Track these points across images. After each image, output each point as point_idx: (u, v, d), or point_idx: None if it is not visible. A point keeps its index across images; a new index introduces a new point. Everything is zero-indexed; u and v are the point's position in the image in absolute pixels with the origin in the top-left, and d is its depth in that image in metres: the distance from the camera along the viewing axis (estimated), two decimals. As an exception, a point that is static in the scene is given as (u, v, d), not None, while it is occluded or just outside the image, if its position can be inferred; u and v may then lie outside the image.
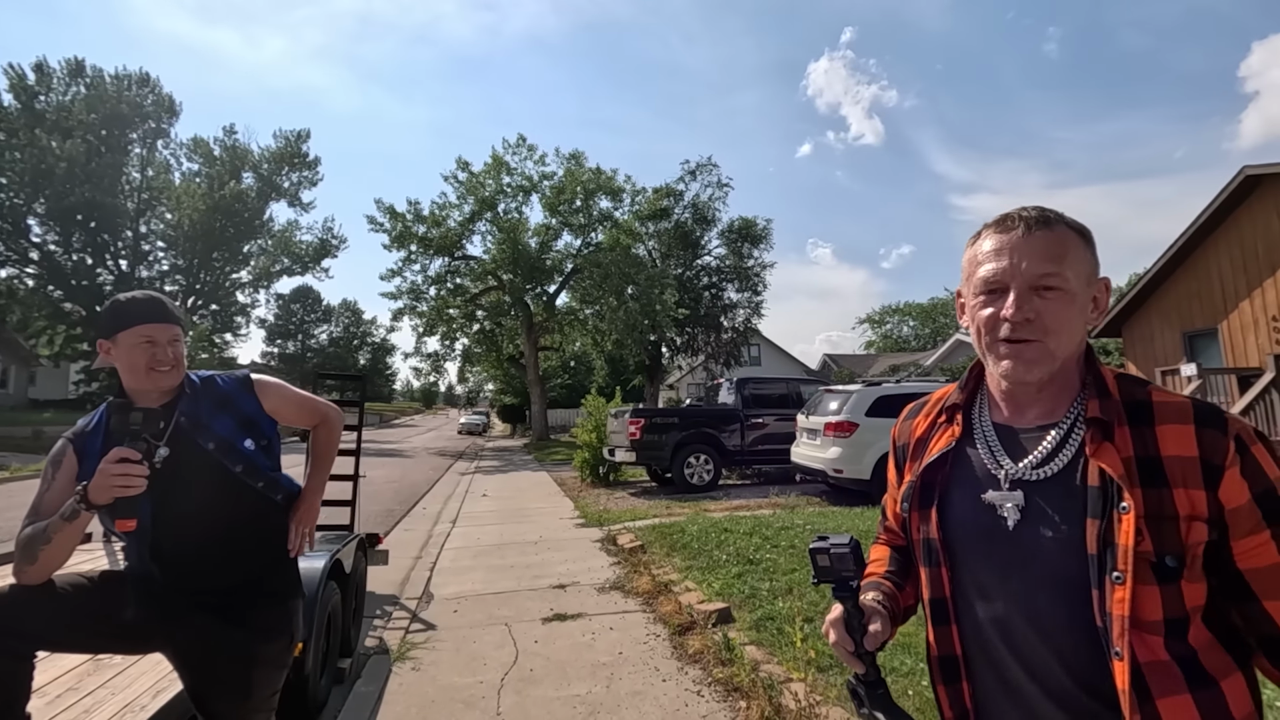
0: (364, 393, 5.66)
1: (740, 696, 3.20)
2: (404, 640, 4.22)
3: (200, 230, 32.57)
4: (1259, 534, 0.81)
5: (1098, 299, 0.95)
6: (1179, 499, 0.82)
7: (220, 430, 1.71)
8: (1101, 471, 0.85)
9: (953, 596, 0.98)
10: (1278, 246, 11.66)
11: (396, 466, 18.09)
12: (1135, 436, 0.86)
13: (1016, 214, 0.95)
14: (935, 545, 1.00)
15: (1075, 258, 0.91)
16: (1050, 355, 0.91)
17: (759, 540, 6.20)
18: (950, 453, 1.02)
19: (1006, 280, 0.92)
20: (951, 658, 0.98)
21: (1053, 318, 0.89)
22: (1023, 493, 0.92)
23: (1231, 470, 0.82)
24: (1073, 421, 0.92)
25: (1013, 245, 0.92)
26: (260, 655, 1.74)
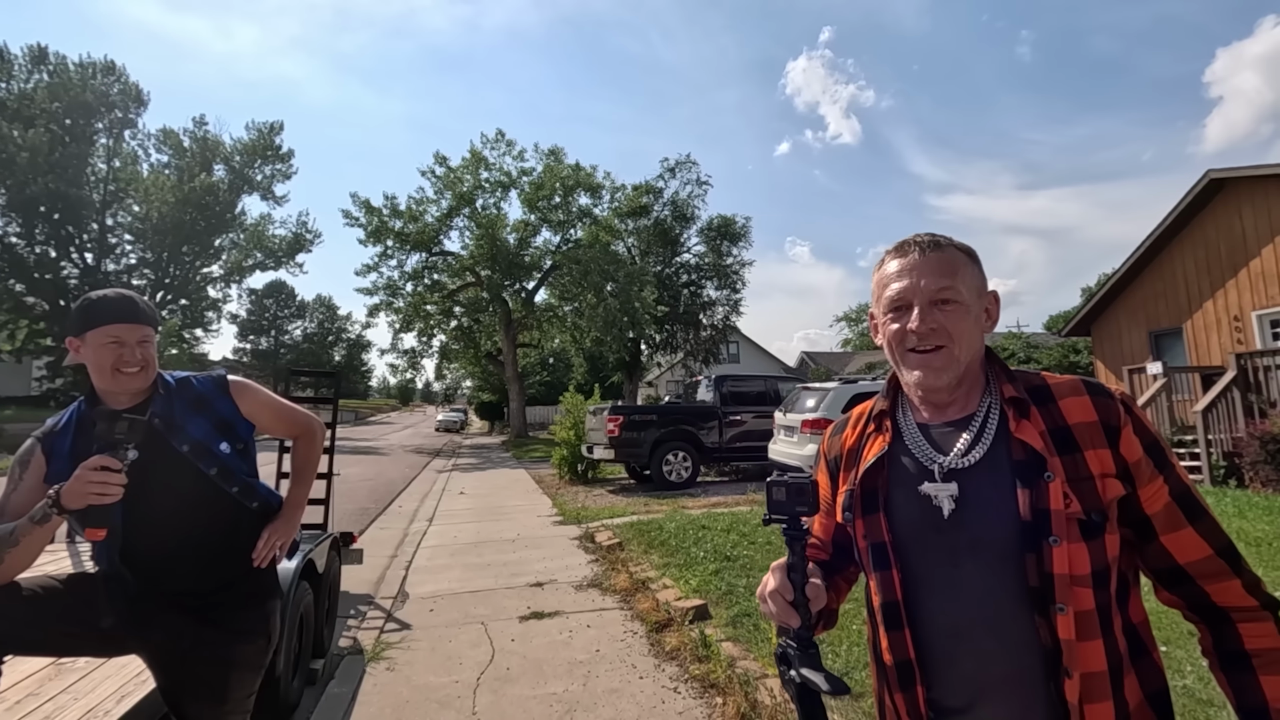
0: (338, 389, 5.58)
1: (717, 693, 3.22)
2: (379, 640, 4.18)
3: (170, 223, 31.82)
4: (1154, 481, 0.94)
5: (989, 310, 1.07)
6: (1090, 460, 0.93)
7: (195, 432, 1.67)
8: (1025, 445, 0.95)
9: (904, 599, 1.01)
10: (1240, 249, 11.99)
11: (372, 464, 17.89)
12: (1044, 413, 0.98)
13: (912, 240, 1.07)
14: (885, 547, 1.03)
15: (966, 274, 1.04)
16: (954, 360, 1.01)
17: (736, 537, 6.23)
18: (885, 457, 1.08)
19: (910, 297, 1.03)
20: (907, 663, 1.00)
21: (953, 327, 1.00)
22: (956, 482, 0.99)
23: (1126, 429, 0.95)
24: (986, 410, 1.03)
25: (912, 266, 1.04)
26: (237, 657, 1.71)
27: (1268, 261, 11.54)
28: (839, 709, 2.86)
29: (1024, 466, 0.94)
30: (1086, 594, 0.90)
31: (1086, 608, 0.90)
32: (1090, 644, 0.89)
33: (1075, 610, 0.89)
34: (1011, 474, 0.95)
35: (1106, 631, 0.91)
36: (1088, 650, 0.89)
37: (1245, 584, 0.91)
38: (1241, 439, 8.64)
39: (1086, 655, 0.89)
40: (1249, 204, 11.82)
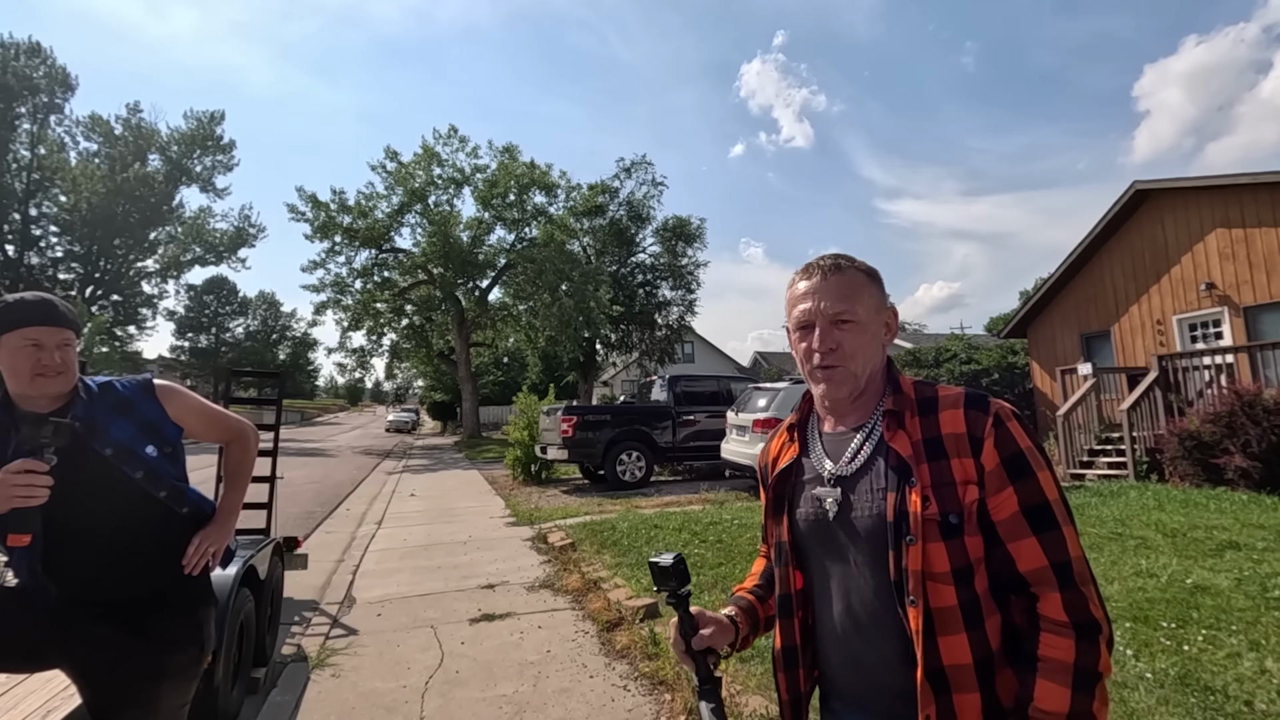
0: (282, 390, 5.44)
1: (665, 689, 3.27)
2: (323, 647, 4.10)
3: (100, 215, 30.30)
4: (1004, 490, 1.00)
5: (889, 324, 1.16)
6: (955, 468, 1.01)
7: (119, 435, 1.61)
8: (896, 453, 1.04)
9: (798, 592, 1.15)
10: (1162, 256, 12.70)
11: (319, 466, 17.40)
12: (923, 424, 1.06)
13: (817, 263, 1.16)
14: (785, 547, 1.16)
15: (864, 295, 1.12)
16: (853, 376, 1.10)
17: (688, 535, 6.31)
18: (792, 465, 1.19)
19: (812, 318, 1.11)
20: (791, 648, 1.15)
21: (850, 344, 1.09)
22: (840, 487, 1.10)
23: (988, 441, 1.01)
24: (875, 420, 1.12)
25: (814, 289, 1.12)
26: (167, 667, 1.66)
27: (1187, 269, 12.25)
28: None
29: (895, 472, 1.03)
30: (947, 590, 0.97)
31: (947, 603, 0.97)
32: (953, 638, 0.96)
33: (934, 605, 0.97)
34: (885, 479, 1.05)
35: (974, 627, 0.97)
36: (951, 643, 0.96)
37: (1066, 600, 0.95)
38: (1163, 436, 9.17)
39: (950, 648, 0.96)
40: (1170, 214, 12.53)
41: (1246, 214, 11.28)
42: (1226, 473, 8.02)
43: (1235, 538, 5.40)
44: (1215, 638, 3.41)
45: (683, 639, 1.13)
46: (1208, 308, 11.90)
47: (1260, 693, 2.80)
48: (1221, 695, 2.79)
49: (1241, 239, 11.36)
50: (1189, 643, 3.36)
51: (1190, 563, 4.79)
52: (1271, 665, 3.04)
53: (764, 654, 3.47)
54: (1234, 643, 3.33)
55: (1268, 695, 2.77)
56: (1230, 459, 7.93)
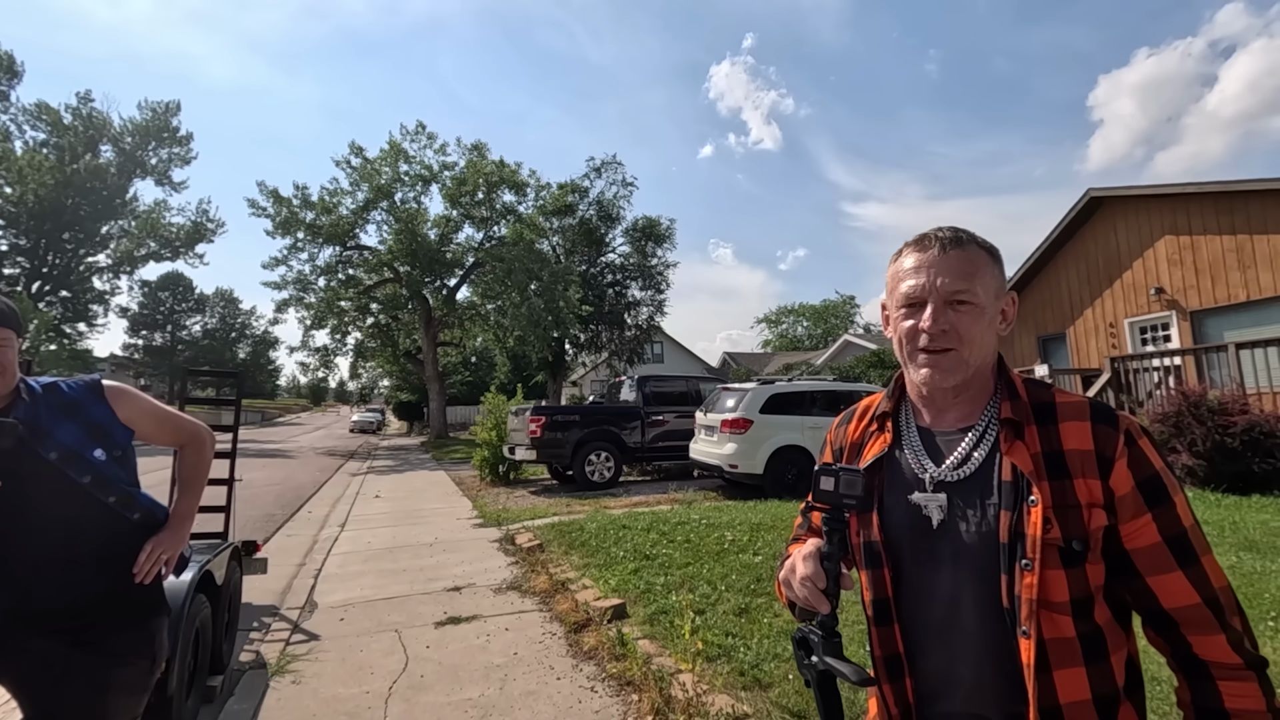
0: (240, 389, 5.30)
1: (633, 690, 3.27)
2: (284, 653, 4.00)
3: (48, 207, 29.13)
4: (1141, 517, 0.91)
5: (1006, 311, 1.06)
6: (1079, 489, 0.92)
7: (64, 439, 1.54)
8: (1014, 467, 0.94)
9: (895, 596, 1.03)
10: (1115, 261, 13.16)
11: (279, 468, 17.00)
12: (1041, 434, 0.96)
13: (933, 234, 1.04)
14: (877, 547, 1.05)
15: (985, 275, 1.01)
16: (964, 363, 1.00)
17: (656, 536, 6.32)
18: (883, 458, 1.08)
19: (924, 295, 1.01)
20: (895, 656, 1.03)
21: (965, 329, 0.99)
22: (945, 494, 1.00)
23: (1120, 461, 0.92)
24: (986, 423, 1.02)
25: (930, 263, 1.01)
26: (116, 681, 1.59)
27: (1138, 273, 12.72)
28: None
29: (1010, 488, 0.94)
30: (1065, 621, 0.89)
31: (1064, 635, 0.89)
32: (1069, 671, 0.89)
33: (1048, 636, 0.89)
34: (998, 493, 0.95)
35: (1094, 661, 0.90)
36: (1067, 678, 0.89)
37: (1230, 639, 0.88)
38: (1113, 435, 9.49)
39: (1066, 683, 0.89)
40: (1123, 221, 13.00)
41: (1193, 222, 11.76)
42: (1174, 470, 8.24)
43: (1181, 533, 5.62)
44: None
45: (825, 573, 0.96)
46: (1157, 311, 12.37)
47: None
48: (1169, 685, 2.90)
49: (1189, 245, 11.83)
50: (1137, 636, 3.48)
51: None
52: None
53: (730, 653, 3.50)
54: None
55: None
56: (1178, 457, 8.24)
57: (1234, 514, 6.31)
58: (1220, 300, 11.37)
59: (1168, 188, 12.21)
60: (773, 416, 9.48)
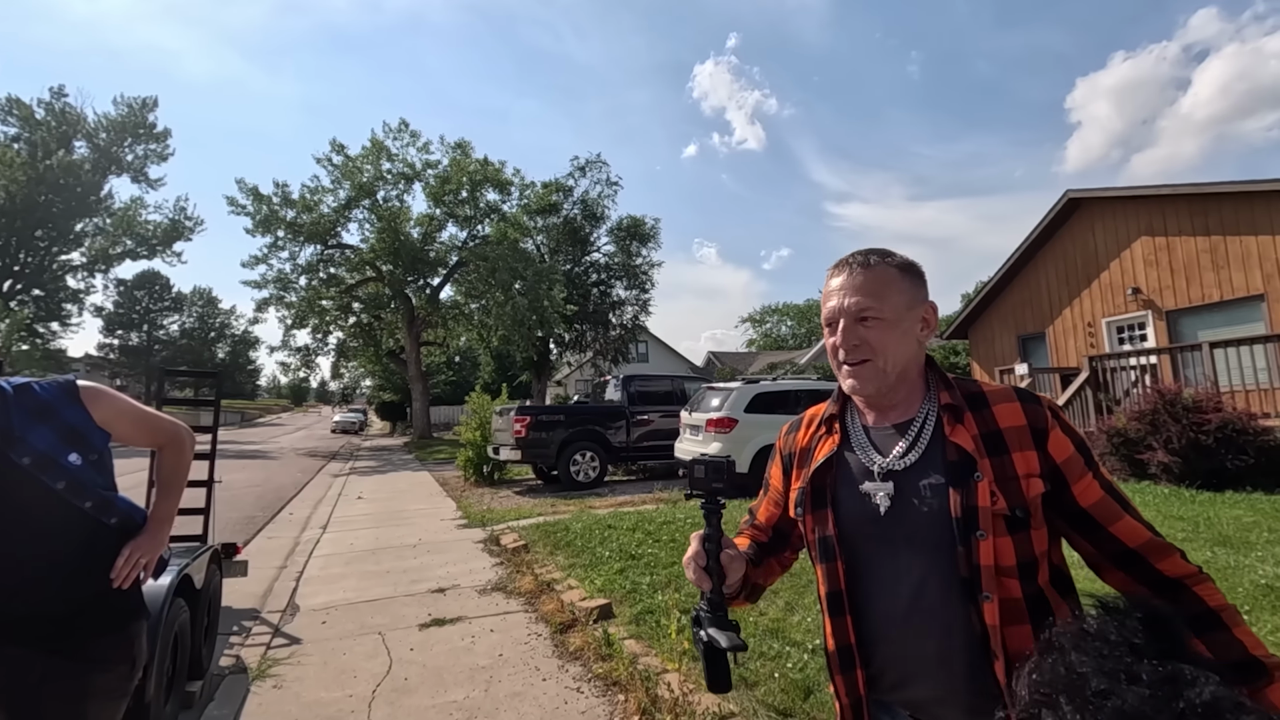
0: (220, 390, 5.22)
1: (619, 690, 3.27)
2: (265, 657, 3.95)
3: (20, 204, 28.49)
4: (1084, 477, 1.02)
5: (926, 319, 1.14)
6: (1017, 461, 1.01)
7: (38, 443, 1.49)
8: (958, 448, 1.03)
9: (848, 589, 1.10)
10: (1093, 262, 13.36)
11: (260, 469, 16.78)
12: (977, 418, 1.06)
13: (849, 259, 1.14)
14: (831, 541, 1.12)
15: (893, 291, 1.10)
16: (881, 371, 1.09)
17: (641, 535, 6.32)
18: (833, 457, 1.16)
19: (837, 315, 1.12)
20: (847, 647, 1.09)
21: (876, 341, 1.08)
22: (893, 482, 1.08)
23: (1054, 431, 1.03)
24: (925, 415, 1.11)
25: (842, 286, 1.12)
26: (94, 687, 1.55)
27: (1115, 274, 12.92)
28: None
29: (956, 467, 1.02)
30: (1013, 584, 0.98)
31: (1013, 595, 0.98)
32: (1018, 628, 0.97)
33: (1001, 598, 0.97)
34: (944, 474, 1.03)
35: (1037, 616, 0.98)
36: (1015, 633, 0.97)
37: (1181, 556, 0.99)
38: (1092, 433, 9.62)
39: (1015, 638, 0.97)
40: (1100, 222, 13.19)
41: (1169, 223, 11.97)
42: (1150, 468, 8.47)
43: (1157, 529, 5.71)
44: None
45: (705, 552, 1.08)
46: (1134, 311, 12.58)
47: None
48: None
49: (1164, 246, 12.04)
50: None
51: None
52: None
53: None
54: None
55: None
56: (1153, 454, 8.38)
57: (1208, 510, 6.43)
58: (1195, 300, 11.58)
59: (1144, 189, 12.42)
60: (757, 416, 9.52)
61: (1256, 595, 3.95)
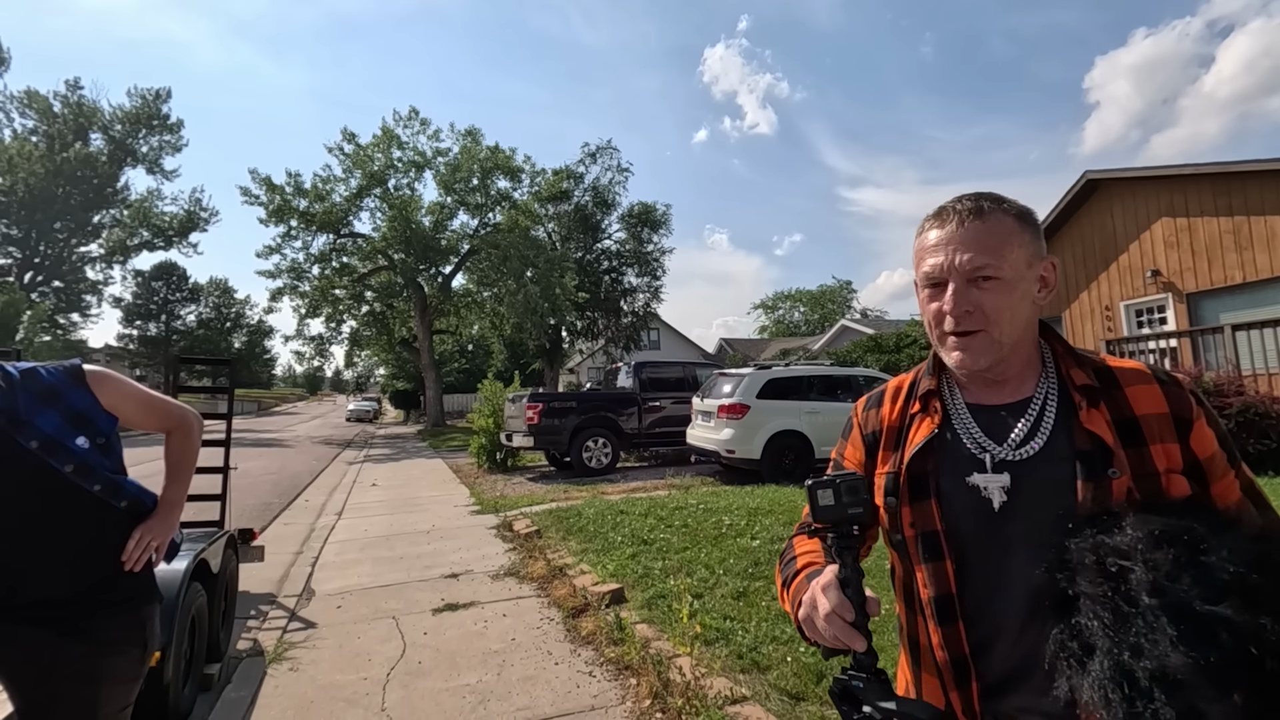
0: (234, 378, 5.27)
1: (631, 674, 3.28)
2: (281, 640, 4.00)
3: (39, 197, 28.86)
4: (1226, 476, 0.90)
5: (1045, 277, 0.98)
6: (1156, 455, 0.88)
7: (45, 427, 1.50)
8: (1093, 436, 0.89)
9: (959, 593, 0.95)
10: (1111, 244, 13.13)
11: (276, 457, 16.99)
12: (1109, 402, 0.91)
13: (952, 206, 0.98)
14: (937, 538, 0.97)
15: (1013, 244, 0.94)
16: (996, 344, 0.94)
17: (654, 521, 6.33)
18: (933, 440, 1.00)
19: (945, 275, 0.94)
20: (961, 659, 0.95)
21: (992, 307, 0.92)
22: (1009, 474, 0.93)
23: (1199, 421, 0.90)
24: (1045, 395, 0.96)
25: (949, 239, 0.95)
26: (107, 670, 1.56)
27: (1134, 256, 12.69)
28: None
29: (1089, 459, 0.88)
30: None
31: None
32: None
33: None
34: (1073, 466, 0.89)
35: None
36: None
37: None
38: (1109, 418, 9.51)
39: None
40: (1119, 203, 12.95)
41: (1190, 204, 11.72)
42: (1169, 452, 8.36)
43: (1177, 514, 5.64)
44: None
45: (850, 602, 0.83)
46: (1153, 294, 12.36)
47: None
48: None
49: (1185, 228, 11.80)
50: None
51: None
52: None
53: (728, 636, 3.51)
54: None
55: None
56: (1173, 439, 8.27)
57: (1229, 495, 6.34)
58: (1217, 282, 11.36)
59: (1165, 169, 12.15)
60: (770, 401, 9.47)
61: (1278, 580, 3.89)
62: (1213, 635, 0.64)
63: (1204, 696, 0.62)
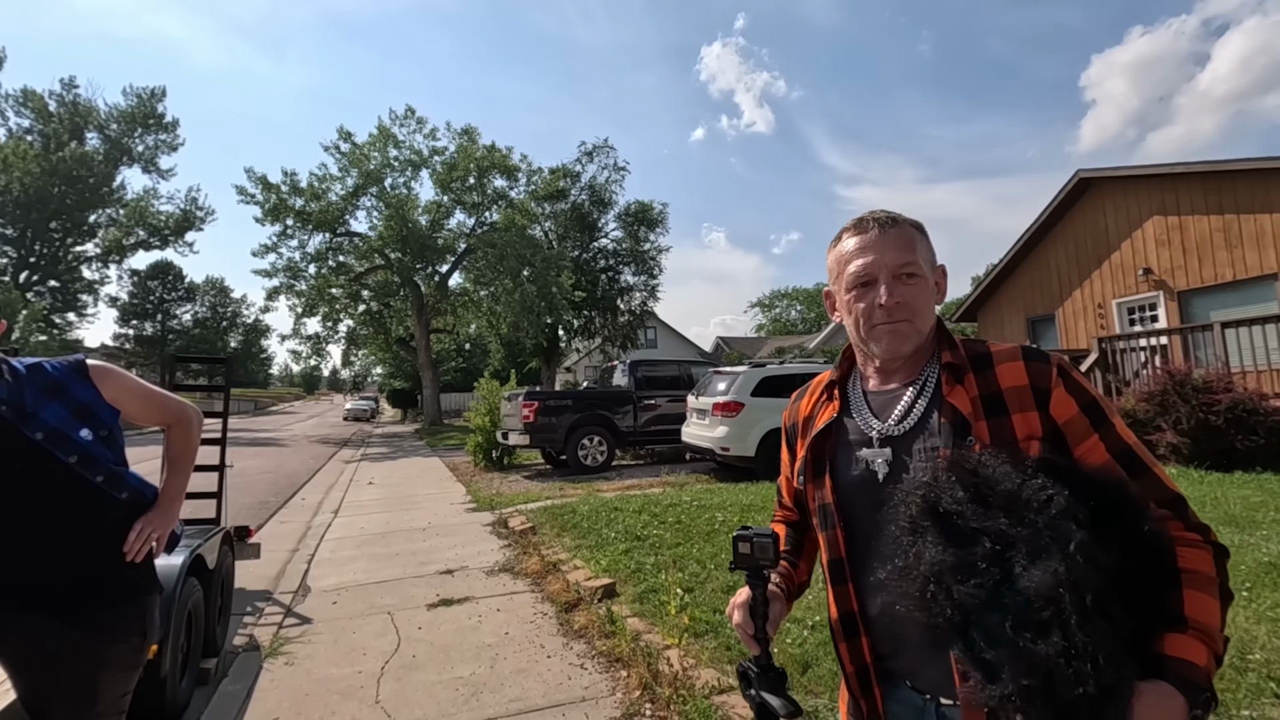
0: (229, 377, 5.31)
1: (621, 666, 3.33)
2: (277, 636, 4.05)
3: (34, 196, 28.80)
4: (1089, 438, 0.97)
5: (939, 283, 1.12)
6: (1016, 423, 0.98)
7: (50, 419, 1.56)
8: (954, 409, 1.01)
9: (848, 555, 1.09)
10: (1103, 242, 13.21)
11: (273, 456, 17.01)
12: (979, 379, 1.03)
13: (869, 217, 1.11)
14: (830, 509, 1.11)
15: (921, 248, 1.09)
16: (918, 331, 1.07)
17: (647, 517, 6.38)
18: (832, 424, 1.15)
19: (875, 273, 1.07)
20: (849, 614, 1.08)
21: (915, 299, 1.06)
22: (890, 448, 1.06)
23: (1057, 390, 0.99)
24: (925, 377, 1.09)
25: (872, 244, 1.08)
26: (107, 657, 1.62)
27: (1126, 254, 12.77)
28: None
29: (951, 429, 1.00)
30: None
31: None
32: None
33: None
34: (940, 437, 1.00)
35: None
36: None
37: (1191, 525, 0.94)
38: (1101, 415, 9.58)
39: None
40: (1111, 202, 13.03)
41: (1181, 202, 11.80)
42: (1159, 449, 8.43)
43: (1163, 509, 5.70)
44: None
45: (754, 621, 1.08)
46: (1145, 292, 12.45)
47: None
48: (1141, 654, 2.98)
49: (1176, 226, 11.88)
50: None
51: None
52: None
53: (717, 629, 3.57)
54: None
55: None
56: (1162, 435, 8.34)
57: (1216, 490, 6.42)
58: (1207, 280, 11.45)
59: (1156, 168, 12.23)
60: (764, 399, 9.53)
61: (1259, 573, 3.95)
62: (971, 537, 0.81)
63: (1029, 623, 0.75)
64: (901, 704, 1.05)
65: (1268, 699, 2.54)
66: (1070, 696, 0.73)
